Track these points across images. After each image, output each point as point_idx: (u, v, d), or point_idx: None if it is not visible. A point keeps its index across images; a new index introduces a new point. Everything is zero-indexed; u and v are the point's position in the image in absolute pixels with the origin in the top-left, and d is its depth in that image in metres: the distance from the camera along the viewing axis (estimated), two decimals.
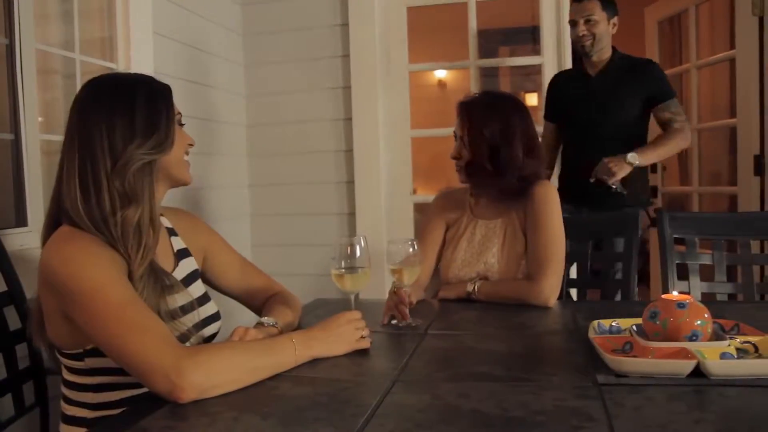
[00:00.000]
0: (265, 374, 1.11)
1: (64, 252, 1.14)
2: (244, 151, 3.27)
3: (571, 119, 2.80)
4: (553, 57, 3.06)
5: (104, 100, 1.23)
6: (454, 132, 1.89)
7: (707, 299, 2.08)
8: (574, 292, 2.34)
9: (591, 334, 1.24)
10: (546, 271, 1.70)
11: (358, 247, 1.36)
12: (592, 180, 2.56)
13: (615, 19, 2.72)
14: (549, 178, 2.81)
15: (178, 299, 1.27)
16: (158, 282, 1.23)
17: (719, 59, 3.42)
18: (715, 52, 3.58)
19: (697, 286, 2.04)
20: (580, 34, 2.68)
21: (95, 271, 1.11)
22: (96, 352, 1.16)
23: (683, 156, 4.29)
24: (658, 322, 1.15)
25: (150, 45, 2.43)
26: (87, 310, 1.09)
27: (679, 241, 2.11)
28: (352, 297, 1.38)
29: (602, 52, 2.73)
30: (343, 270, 1.36)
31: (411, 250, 1.48)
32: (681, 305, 1.14)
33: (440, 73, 6.48)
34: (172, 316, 1.23)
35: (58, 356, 1.24)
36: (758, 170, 2.94)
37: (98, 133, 1.19)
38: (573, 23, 2.72)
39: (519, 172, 1.79)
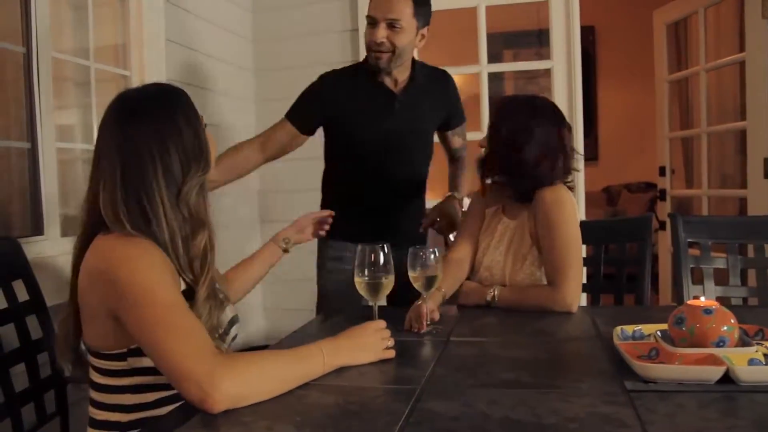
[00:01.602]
0: (294, 384, 1.11)
1: (121, 251, 1.15)
2: None
3: (357, 141, 2.12)
4: (564, 61, 3.07)
5: (149, 122, 1.21)
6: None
7: (722, 304, 2.07)
8: (583, 297, 2.34)
9: (615, 341, 1.24)
10: (567, 277, 1.70)
11: (381, 255, 1.36)
12: (422, 229, 2.20)
13: (425, 30, 2.06)
14: None
15: (228, 312, 1.33)
16: (216, 298, 1.26)
17: (729, 62, 3.42)
18: (721, 55, 3.59)
19: (712, 290, 2.04)
20: (378, 41, 1.95)
21: (150, 271, 1.13)
22: (140, 352, 1.16)
23: (690, 159, 4.30)
24: (684, 328, 1.15)
25: (162, 52, 2.44)
26: (136, 307, 1.10)
27: (692, 245, 2.11)
28: (375, 305, 1.39)
29: (401, 70, 2.07)
30: (367, 278, 1.36)
31: (432, 257, 1.48)
32: (707, 311, 1.14)
33: None
34: (219, 329, 1.27)
35: (93, 360, 1.24)
36: None
37: (150, 161, 1.18)
38: (372, 21, 1.97)
39: (532, 176, 1.79)
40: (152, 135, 1.19)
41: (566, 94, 3.11)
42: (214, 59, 2.88)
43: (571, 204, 1.80)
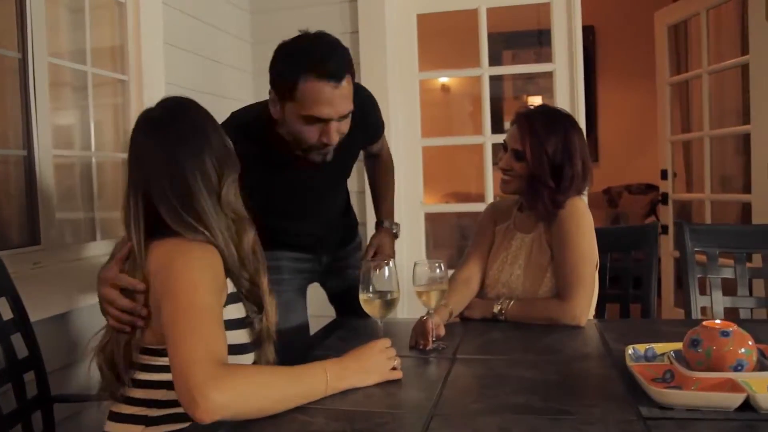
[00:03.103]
0: (292, 404, 1.10)
1: (182, 248, 1.21)
2: None
3: (278, 204, 1.83)
4: (566, 64, 3.03)
5: (183, 139, 1.27)
6: (504, 142, 1.84)
7: (730, 315, 2.05)
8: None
9: (629, 362, 1.21)
10: (577, 291, 1.67)
11: (386, 271, 1.33)
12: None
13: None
14: None
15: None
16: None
17: (732, 65, 3.39)
18: (722, 57, 3.56)
19: (720, 300, 2.01)
20: (334, 142, 1.57)
21: (199, 269, 1.18)
22: None
23: (690, 162, 4.27)
24: (700, 351, 1.12)
25: (161, 55, 2.40)
26: (172, 298, 1.14)
27: (697, 252, 2.07)
28: (380, 323, 1.35)
29: None
30: (371, 295, 1.32)
31: (438, 271, 1.45)
32: (725, 333, 1.11)
33: (443, 78, 6.45)
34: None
35: (141, 358, 1.25)
36: None
37: (192, 176, 1.25)
38: (319, 121, 1.54)
39: (575, 189, 1.76)
40: (188, 151, 1.26)
41: (568, 97, 3.07)
42: (213, 62, 2.84)
43: (588, 217, 1.77)
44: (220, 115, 2.89)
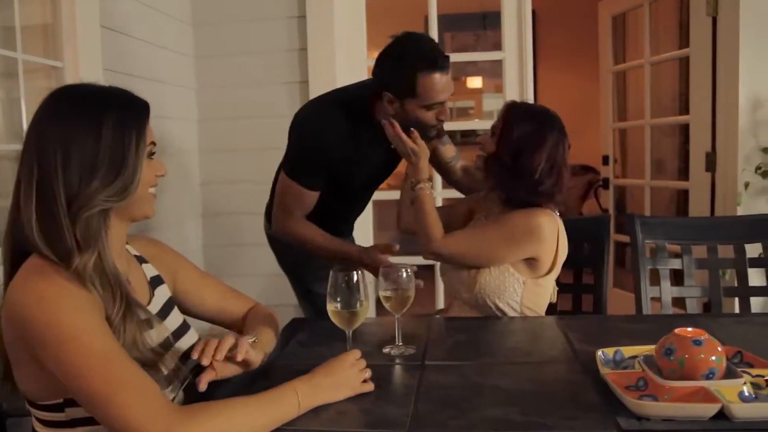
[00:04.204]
0: (267, 430, 1.04)
1: (37, 291, 1.01)
2: (196, 147, 3.10)
3: (353, 180, 2.10)
4: (515, 52, 3.03)
5: (65, 122, 1.07)
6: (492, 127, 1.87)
7: (677, 304, 2.12)
8: None
9: (602, 370, 1.21)
10: (454, 241, 1.78)
11: (355, 278, 1.28)
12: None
13: None
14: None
15: (160, 332, 1.19)
16: (134, 317, 1.11)
17: (673, 56, 3.48)
18: (660, 49, 3.64)
19: (668, 291, 2.06)
20: (442, 118, 1.89)
21: (75, 315, 1.00)
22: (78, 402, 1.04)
23: (626, 148, 4.40)
24: (673, 360, 1.12)
25: (98, 39, 2.24)
26: (66, 360, 0.98)
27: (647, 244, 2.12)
28: (349, 334, 1.31)
29: None
30: (339, 305, 1.28)
31: (404, 276, 1.41)
32: (697, 342, 1.12)
33: None
34: (154, 351, 1.14)
35: (31, 410, 1.12)
36: (709, 167, 3.01)
37: (53, 163, 1.05)
38: (438, 104, 1.84)
39: (533, 184, 1.74)
40: (61, 134, 1.06)
41: (517, 84, 3.08)
42: (153, 45, 2.69)
43: (529, 230, 1.74)
44: (160, 102, 2.76)
